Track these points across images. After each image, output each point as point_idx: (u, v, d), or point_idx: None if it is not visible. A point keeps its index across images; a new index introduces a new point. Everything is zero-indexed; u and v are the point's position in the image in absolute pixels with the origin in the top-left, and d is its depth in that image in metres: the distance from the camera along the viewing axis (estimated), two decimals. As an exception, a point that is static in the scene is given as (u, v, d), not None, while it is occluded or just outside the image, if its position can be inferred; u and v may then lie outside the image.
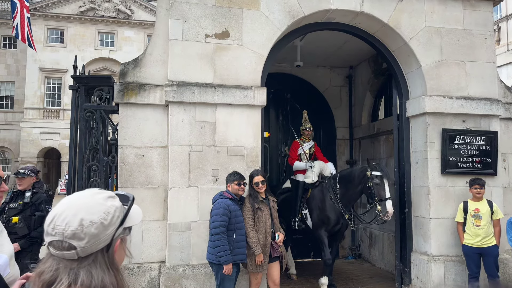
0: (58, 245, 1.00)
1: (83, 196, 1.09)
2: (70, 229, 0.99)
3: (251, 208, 4.23)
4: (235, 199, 4.14)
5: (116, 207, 1.09)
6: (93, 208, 1.04)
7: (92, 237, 1.00)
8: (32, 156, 26.49)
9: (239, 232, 4.08)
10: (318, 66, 8.07)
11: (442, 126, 5.26)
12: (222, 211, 3.97)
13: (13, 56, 29.72)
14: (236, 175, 4.22)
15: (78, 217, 1.01)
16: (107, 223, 1.04)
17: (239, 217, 4.11)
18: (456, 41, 5.44)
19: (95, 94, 4.83)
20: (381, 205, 4.94)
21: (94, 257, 1.01)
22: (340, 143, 8.24)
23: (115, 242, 1.07)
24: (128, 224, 1.13)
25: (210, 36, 4.82)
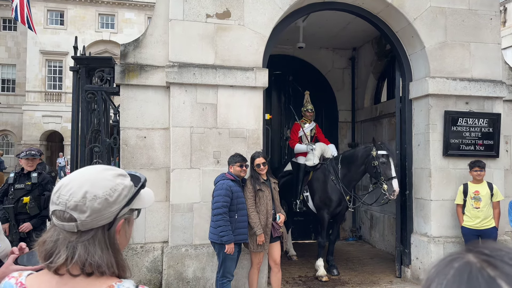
0: (60, 214, 0.99)
1: (93, 170, 1.07)
2: (73, 200, 0.98)
3: (252, 189, 4.28)
4: (237, 181, 4.17)
5: (125, 185, 1.06)
6: (99, 183, 1.02)
7: (94, 211, 0.98)
8: (35, 139, 26.59)
9: (241, 213, 4.13)
10: (320, 47, 7.98)
11: (445, 108, 5.23)
12: (224, 192, 4.02)
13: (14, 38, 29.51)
14: (238, 157, 4.24)
15: (83, 190, 0.99)
16: (112, 200, 1.01)
17: (241, 198, 4.15)
18: (461, 21, 5.35)
19: (96, 75, 4.81)
20: (388, 184, 4.97)
21: (94, 233, 0.99)
22: (342, 126, 8.22)
23: (118, 221, 1.03)
24: (137, 206, 1.10)
25: (211, 16, 4.75)
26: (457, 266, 0.52)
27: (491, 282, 0.49)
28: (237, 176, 4.20)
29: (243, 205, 4.16)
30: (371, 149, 5.27)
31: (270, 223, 4.34)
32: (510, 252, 0.50)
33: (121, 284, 0.97)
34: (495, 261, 0.51)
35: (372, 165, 5.17)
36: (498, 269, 0.50)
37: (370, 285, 5.30)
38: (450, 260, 0.54)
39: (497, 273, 0.49)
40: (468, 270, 0.51)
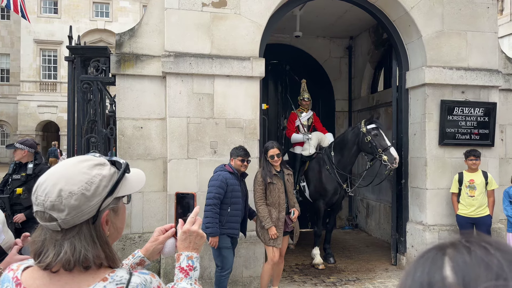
0: (41, 215, 0.97)
1: (68, 164, 1.03)
2: (49, 200, 0.96)
3: (262, 182, 4.12)
4: (235, 174, 4.04)
5: (103, 176, 1.01)
6: (73, 179, 0.98)
7: (73, 208, 0.95)
8: (31, 129, 26.45)
9: (235, 207, 4.01)
10: (317, 36, 7.94)
11: (441, 97, 5.24)
12: (218, 183, 3.92)
13: (7, 27, 29.13)
14: (241, 151, 4.09)
15: (57, 188, 0.96)
16: (89, 194, 0.97)
17: (237, 192, 4.01)
18: (458, 10, 5.33)
19: (91, 65, 4.78)
20: (386, 154, 5.00)
21: (78, 229, 0.97)
22: (339, 115, 8.23)
23: (102, 213, 1.00)
24: (123, 192, 1.06)
25: (207, 4, 4.71)
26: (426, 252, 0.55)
27: (437, 259, 0.51)
28: (236, 169, 4.07)
29: (237, 199, 4.03)
30: (359, 127, 5.30)
31: (283, 217, 4.19)
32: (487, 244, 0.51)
33: (114, 275, 0.97)
34: (459, 246, 0.52)
35: (365, 141, 5.20)
36: (457, 253, 0.51)
37: (366, 273, 5.37)
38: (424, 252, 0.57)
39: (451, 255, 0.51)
40: (435, 251, 0.53)
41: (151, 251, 1.30)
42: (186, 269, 1.18)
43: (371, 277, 5.20)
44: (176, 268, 1.18)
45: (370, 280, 5.12)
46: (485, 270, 0.47)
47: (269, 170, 4.14)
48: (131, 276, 0.98)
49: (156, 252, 1.31)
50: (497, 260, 0.48)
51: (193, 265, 1.20)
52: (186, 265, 1.18)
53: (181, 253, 1.20)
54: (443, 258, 0.50)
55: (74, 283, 0.95)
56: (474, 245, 0.51)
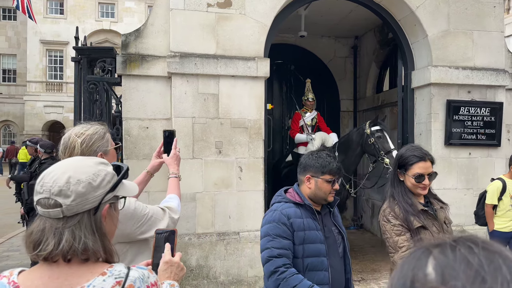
0: (45, 202, 0.99)
1: (75, 159, 1.11)
2: (57, 185, 0.99)
3: (403, 225, 2.17)
4: (306, 206, 2.15)
5: (108, 172, 1.08)
6: (82, 169, 1.04)
7: (79, 195, 0.99)
8: (37, 129, 26.65)
9: (313, 275, 2.05)
10: (322, 36, 7.93)
11: (447, 97, 5.22)
12: (273, 229, 2.06)
13: (14, 28, 29.36)
14: (330, 163, 2.18)
15: (66, 175, 1.01)
16: (95, 184, 1.02)
17: (315, 244, 2.09)
18: (464, 9, 5.31)
19: (97, 66, 4.81)
20: (389, 157, 4.99)
21: (80, 218, 0.99)
22: (344, 115, 8.22)
23: (103, 206, 1.05)
24: (121, 193, 1.12)
25: (212, 5, 4.73)
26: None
27: (422, 257, 0.52)
28: (315, 198, 2.18)
29: (318, 258, 2.09)
30: (364, 128, 5.30)
31: None
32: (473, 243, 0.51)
33: (112, 269, 0.99)
34: (445, 245, 0.53)
35: (369, 143, 5.19)
36: (441, 252, 0.52)
37: (371, 273, 5.36)
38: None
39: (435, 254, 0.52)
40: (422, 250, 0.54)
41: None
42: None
43: (376, 278, 5.19)
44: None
45: (375, 280, 5.10)
46: (465, 267, 0.48)
47: (410, 202, 2.21)
48: (129, 270, 1.00)
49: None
50: (478, 259, 0.49)
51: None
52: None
53: (163, 281, 1.24)
54: (428, 256, 0.52)
55: (73, 278, 0.96)
56: (460, 244, 0.52)
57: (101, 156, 1.60)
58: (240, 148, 4.75)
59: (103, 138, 1.65)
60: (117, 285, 0.96)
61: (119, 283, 0.97)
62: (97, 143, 1.62)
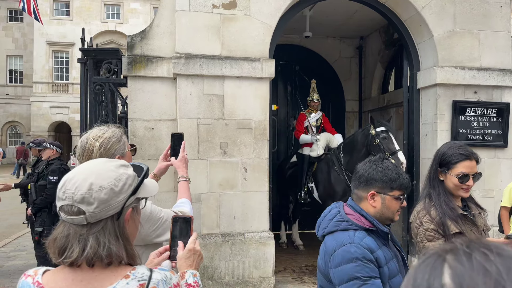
0: (68, 209, 0.99)
1: (96, 163, 1.09)
2: (79, 193, 0.99)
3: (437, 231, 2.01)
4: (379, 232, 1.76)
5: (129, 175, 1.07)
6: (103, 174, 1.03)
7: (102, 202, 0.99)
8: (43, 130, 26.84)
9: None
10: (327, 36, 7.92)
11: (453, 97, 5.19)
12: (362, 270, 1.59)
13: (20, 29, 29.63)
14: (400, 175, 1.77)
15: (88, 182, 1.00)
16: (117, 190, 1.02)
17: (394, 271, 1.74)
18: (470, 9, 5.28)
19: (103, 67, 4.84)
20: (394, 158, 4.98)
21: (103, 224, 1.00)
22: (349, 116, 8.19)
23: (126, 210, 1.05)
24: (142, 194, 1.12)
25: (217, 6, 4.74)
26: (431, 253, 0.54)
27: (437, 266, 0.50)
28: (382, 218, 1.78)
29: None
30: (368, 129, 5.29)
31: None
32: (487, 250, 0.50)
33: (135, 272, 1.00)
34: (459, 252, 0.51)
35: (374, 143, 5.18)
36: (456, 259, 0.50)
37: (376, 274, 5.34)
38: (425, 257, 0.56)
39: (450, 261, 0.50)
40: (435, 257, 0.52)
41: None
42: (193, 285, 1.24)
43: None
44: (184, 285, 1.23)
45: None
46: (483, 277, 0.46)
47: (452, 205, 2.00)
48: (152, 272, 1.00)
49: None
50: (496, 267, 0.47)
51: (199, 283, 1.27)
52: (194, 281, 1.25)
53: (186, 270, 1.27)
54: (443, 264, 0.50)
55: (97, 281, 0.98)
56: (474, 250, 0.50)
57: (118, 158, 1.59)
58: (245, 148, 4.76)
59: (120, 141, 1.66)
60: (141, 287, 0.97)
61: (142, 285, 0.97)
62: (115, 145, 1.62)
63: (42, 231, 4.69)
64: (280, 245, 6.48)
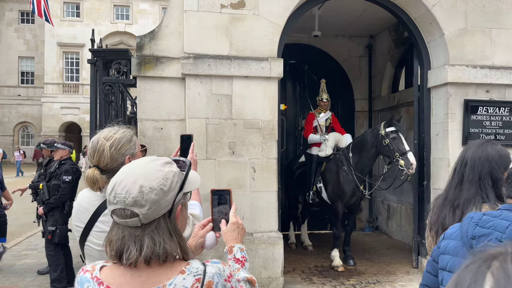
0: (121, 213, 1.01)
1: (140, 163, 1.10)
2: (131, 196, 1.00)
3: None
4: None
5: (174, 172, 1.08)
6: (151, 175, 1.04)
7: (153, 203, 1.00)
8: (54, 130, 27.17)
9: None
10: (336, 35, 7.87)
11: (465, 96, 5.12)
12: None
13: (32, 31, 30.03)
14: None
15: (138, 184, 1.01)
16: (166, 189, 1.03)
17: None
18: (481, 7, 5.19)
19: (113, 67, 4.87)
20: (404, 159, 4.93)
21: (157, 224, 1.02)
22: (359, 115, 8.13)
23: (176, 207, 1.07)
24: (187, 189, 1.13)
25: (226, 6, 4.73)
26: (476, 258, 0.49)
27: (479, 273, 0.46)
28: None
29: None
30: (378, 129, 5.25)
31: None
32: None
33: (190, 267, 1.02)
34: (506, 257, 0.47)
35: (383, 144, 5.14)
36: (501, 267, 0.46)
37: (386, 276, 5.29)
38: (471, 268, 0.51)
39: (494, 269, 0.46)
40: (479, 262, 0.48)
41: (194, 246, 1.36)
42: (241, 259, 1.29)
43: (392, 280, 5.12)
44: (231, 260, 1.29)
45: (390, 283, 5.03)
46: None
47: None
48: (206, 266, 1.03)
49: (198, 246, 1.39)
50: None
51: (246, 257, 1.31)
52: (241, 256, 1.30)
53: (233, 245, 1.32)
54: (485, 272, 0.46)
55: (155, 277, 1.00)
56: None
57: (128, 159, 1.60)
58: (253, 148, 4.75)
59: (131, 141, 1.66)
60: (197, 282, 1.00)
61: (198, 280, 1.00)
62: (125, 146, 1.62)
63: (55, 230, 4.74)
64: (289, 245, 6.46)
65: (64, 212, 4.80)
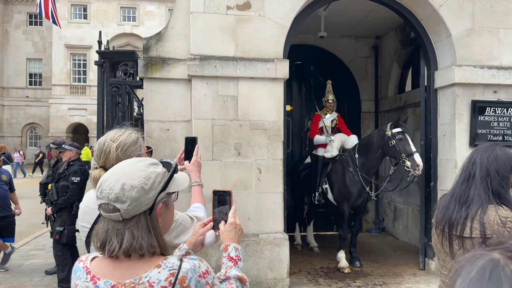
0: (105, 207, 1.10)
1: (128, 163, 1.19)
2: (113, 193, 1.09)
3: None
4: None
5: (158, 173, 1.16)
6: (134, 174, 1.12)
7: (134, 200, 1.09)
8: (61, 131, 27.38)
9: None
10: (342, 36, 7.85)
11: (472, 97, 5.08)
12: None
13: (39, 33, 30.31)
14: None
15: (120, 182, 1.10)
16: (147, 188, 1.11)
17: None
18: (489, 7, 5.16)
19: (119, 69, 4.90)
20: (410, 160, 4.90)
21: (137, 219, 1.10)
22: (365, 116, 8.10)
23: (157, 206, 1.14)
24: (173, 189, 1.21)
25: (232, 7, 4.75)
26: (480, 264, 0.50)
27: (493, 278, 0.47)
28: None
29: None
30: (385, 130, 5.23)
31: None
32: None
33: (166, 261, 1.10)
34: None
35: (390, 145, 5.12)
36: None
37: (393, 277, 5.26)
38: (474, 258, 0.52)
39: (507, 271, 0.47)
40: (490, 267, 0.49)
41: (193, 243, 1.46)
42: (235, 258, 1.36)
43: (399, 282, 5.09)
44: (225, 258, 1.36)
45: (397, 284, 5.00)
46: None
47: None
48: (182, 262, 1.11)
49: (198, 244, 1.48)
50: None
51: (240, 256, 1.38)
52: (235, 255, 1.37)
53: (229, 244, 1.39)
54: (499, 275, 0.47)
55: (133, 269, 1.09)
56: None
57: None
58: (259, 149, 4.75)
59: (137, 143, 1.70)
60: (171, 276, 1.07)
61: (172, 274, 1.07)
62: (131, 147, 1.67)
63: (63, 230, 4.78)
64: (294, 246, 6.45)
65: (72, 213, 4.84)
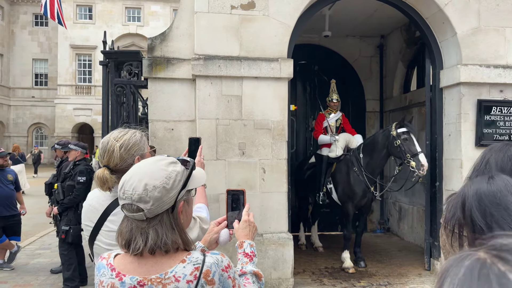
0: (129, 207, 1.13)
1: (147, 163, 1.21)
2: (136, 193, 1.12)
3: None
4: None
5: (178, 172, 1.18)
6: (155, 174, 1.15)
7: (156, 200, 1.11)
8: (67, 131, 27.54)
9: None
10: (347, 35, 7.82)
11: (478, 96, 5.04)
12: None
13: (45, 33, 30.50)
14: None
15: (143, 183, 1.13)
16: (169, 187, 1.14)
17: None
18: (495, 5, 5.11)
19: (124, 69, 4.92)
20: (415, 160, 4.88)
21: (160, 218, 1.13)
22: (370, 116, 8.07)
23: (178, 203, 1.17)
24: (191, 186, 1.23)
25: (236, 7, 4.74)
26: (467, 264, 0.50)
27: (501, 277, 0.47)
28: None
29: None
30: (390, 130, 5.20)
31: None
32: None
33: (190, 256, 1.13)
34: (506, 255, 0.49)
35: (394, 145, 5.09)
36: (508, 263, 0.47)
37: (398, 278, 5.23)
38: (461, 258, 0.52)
39: (508, 267, 0.47)
40: (478, 267, 0.49)
41: (208, 241, 1.51)
42: (250, 254, 1.40)
43: (403, 282, 5.06)
44: (241, 254, 1.40)
45: (402, 285, 4.98)
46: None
47: None
48: (205, 256, 1.14)
49: (213, 242, 1.52)
50: None
51: (255, 253, 1.41)
52: (250, 251, 1.40)
53: (244, 241, 1.43)
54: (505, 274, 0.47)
55: (158, 265, 1.12)
56: None
57: (138, 160, 1.64)
58: (263, 149, 4.75)
59: (140, 142, 1.71)
60: (196, 270, 1.10)
61: (197, 268, 1.11)
62: (135, 147, 1.67)
63: (69, 229, 4.80)
64: (299, 246, 6.44)
65: (78, 212, 4.86)
